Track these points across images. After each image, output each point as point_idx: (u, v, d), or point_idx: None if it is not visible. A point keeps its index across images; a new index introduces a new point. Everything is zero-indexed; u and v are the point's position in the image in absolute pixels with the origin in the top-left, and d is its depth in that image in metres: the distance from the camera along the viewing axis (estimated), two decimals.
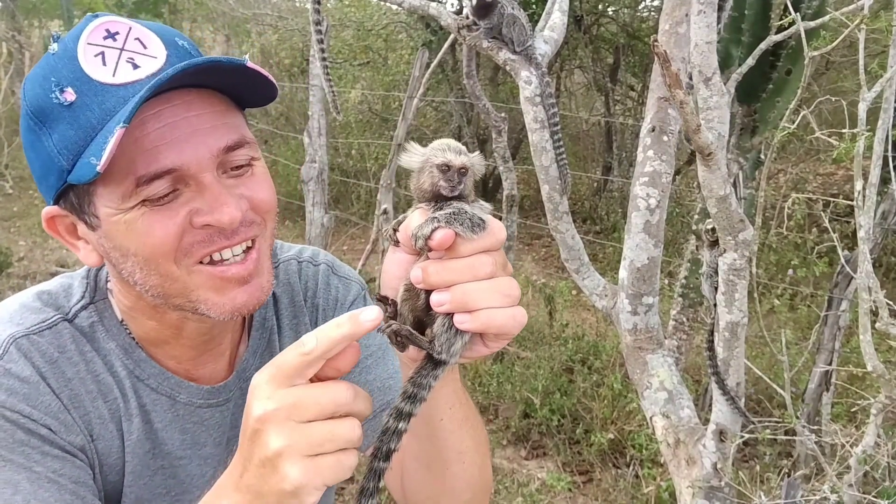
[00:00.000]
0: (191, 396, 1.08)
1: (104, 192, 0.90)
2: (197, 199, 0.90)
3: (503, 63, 1.82)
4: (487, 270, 0.77)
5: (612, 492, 3.54)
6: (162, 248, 0.91)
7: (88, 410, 1.00)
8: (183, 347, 1.06)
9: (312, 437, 0.72)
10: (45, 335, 0.98)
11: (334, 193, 7.26)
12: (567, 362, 4.45)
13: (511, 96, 7.35)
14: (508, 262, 0.82)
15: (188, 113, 0.90)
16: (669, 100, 1.58)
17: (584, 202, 7.94)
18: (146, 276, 0.94)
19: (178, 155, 0.88)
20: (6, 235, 7.33)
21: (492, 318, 0.76)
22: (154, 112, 0.87)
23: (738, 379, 1.51)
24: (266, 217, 0.99)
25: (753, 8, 2.76)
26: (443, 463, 0.99)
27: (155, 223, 0.89)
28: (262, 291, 0.98)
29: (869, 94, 1.40)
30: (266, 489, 0.73)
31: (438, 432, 0.96)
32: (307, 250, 1.26)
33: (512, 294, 0.78)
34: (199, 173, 0.90)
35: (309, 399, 0.73)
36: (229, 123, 0.94)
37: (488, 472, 1.07)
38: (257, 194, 0.97)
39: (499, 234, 0.80)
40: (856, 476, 1.62)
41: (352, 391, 0.75)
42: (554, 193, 1.82)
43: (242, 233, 0.94)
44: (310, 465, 0.71)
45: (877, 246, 3.19)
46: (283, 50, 9.16)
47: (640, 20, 7.58)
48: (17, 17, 11.57)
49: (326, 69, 1.74)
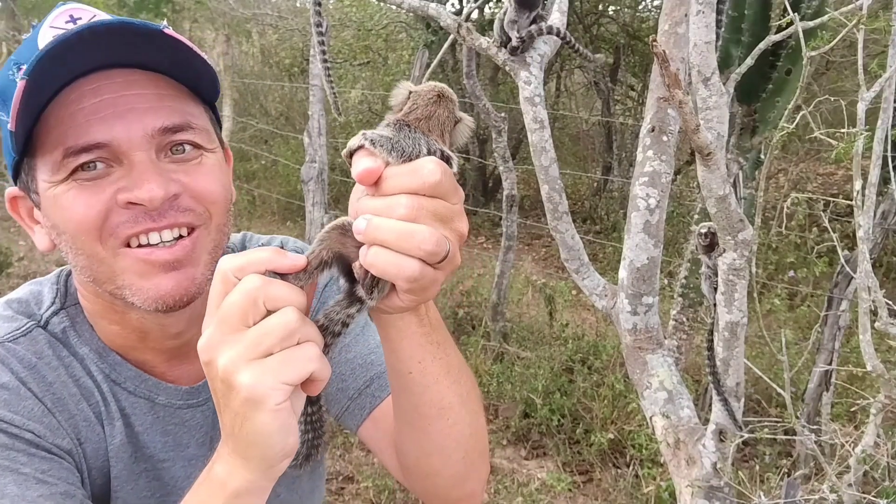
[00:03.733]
0: (170, 398, 1.06)
1: (41, 166, 0.90)
2: (124, 177, 0.89)
3: (503, 63, 1.82)
4: (401, 212, 0.68)
5: (612, 492, 3.54)
6: (84, 225, 0.88)
7: (74, 413, 0.97)
8: (152, 352, 1.04)
9: (248, 339, 0.68)
10: (20, 342, 0.96)
11: (334, 193, 7.26)
12: (567, 362, 4.45)
13: (511, 96, 7.35)
14: (460, 220, 0.72)
15: (128, 91, 0.89)
16: (669, 100, 1.58)
17: (584, 202, 7.94)
18: (75, 255, 0.92)
19: (109, 130, 0.87)
20: (6, 235, 7.33)
21: (375, 257, 0.68)
22: (93, 87, 0.88)
23: (738, 379, 1.51)
24: (211, 209, 0.95)
25: (753, 8, 2.76)
26: (423, 419, 0.94)
27: (79, 198, 0.88)
28: (192, 282, 0.93)
29: (868, 93, 1.40)
30: (230, 411, 0.70)
31: (410, 385, 0.91)
32: (276, 239, 1.24)
33: (416, 243, 0.67)
34: (131, 151, 0.88)
35: (226, 307, 0.69)
36: (174, 107, 0.93)
37: (481, 429, 1.01)
38: (199, 183, 0.94)
39: (426, 175, 0.69)
40: (855, 476, 1.62)
41: (258, 278, 0.70)
42: (554, 193, 1.82)
43: (171, 216, 0.91)
44: (256, 366, 0.68)
45: (877, 246, 3.19)
46: (283, 50, 9.17)
47: (641, 20, 7.58)
48: (17, 16, 11.57)
49: (328, 70, 1.74)
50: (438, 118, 0.75)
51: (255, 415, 0.69)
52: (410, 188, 0.69)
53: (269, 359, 0.68)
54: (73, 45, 0.83)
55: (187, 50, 0.91)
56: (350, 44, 8.83)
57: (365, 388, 1.14)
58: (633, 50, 7.42)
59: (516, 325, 5.04)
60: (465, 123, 0.78)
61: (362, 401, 1.14)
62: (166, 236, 0.91)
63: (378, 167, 0.70)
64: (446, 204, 0.71)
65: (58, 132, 0.87)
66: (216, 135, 1.03)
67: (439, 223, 0.70)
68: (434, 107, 0.75)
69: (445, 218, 0.70)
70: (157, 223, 0.90)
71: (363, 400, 1.14)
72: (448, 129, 0.76)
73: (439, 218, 0.70)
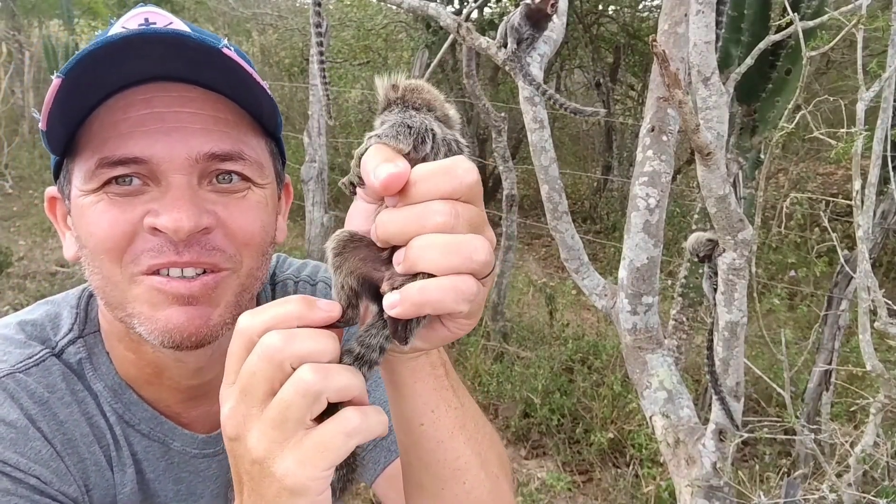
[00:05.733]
0: (185, 445, 0.98)
1: (77, 171, 0.84)
2: (157, 199, 0.81)
3: (503, 63, 1.82)
4: (438, 221, 0.57)
5: (612, 491, 3.54)
6: (105, 244, 0.81)
7: (84, 457, 0.90)
8: (169, 391, 0.95)
9: (276, 416, 0.59)
10: (32, 373, 0.88)
11: (334, 193, 7.25)
12: (567, 362, 4.45)
13: (511, 96, 7.35)
14: (489, 228, 0.62)
15: (181, 108, 0.82)
16: (669, 100, 1.58)
17: (584, 202, 7.94)
18: (91, 274, 0.85)
19: (150, 146, 0.80)
20: (6, 235, 7.32)
21: (425, 293, 0.58)
22: (145, 97, 0.82)
23: (738, 378, 1.51)
24: (243, 252, 0.86)
25: (753, 8, 2.76)
26: (436, 480, 0.81)
27: (106, 214, 0.81)
28: (205, 322, 0.83)
29: (867, 93, 1.40)
30: (262, 496, 0.62)
31: (422, 441, 0.78)
32: (307, 267, 1.14)
33: (468, 254, 0.58)
34: (169, 172, 0.81)
35: (249, 376, 0.61)
36: (228, 133, 0.85)
37: (505, 495, 0.86)
38: (236, 220, 0.85)
39: (462, 175, 0.59)
40: (855, 475, 1.62)
41: (277, 336, 0.60)
42: (553, 193, 1.82)
43: (195, 253, 0.82)
44: (295, 453, 0.59)
45: (876, 246, 3.19)
46: (283, 50, 9.17)
47: (640, 20, 7.57)
48: (17, 16, 11.57)
49: (324, 73, 1.73)
50: (433, 100, 0.67)
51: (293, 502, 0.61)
52: (445, 192, 0.59)
53: (308, 441, 0.59)
54: (120, 50, 0.76)
55: (246, 75, 0.83)
56: (350, 44, 8.83)
57: (381, 440, 1.04)
58: (633, 50, 7.42)
59: (516, 325, 5.04)
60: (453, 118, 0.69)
61: (377, 454, 1.05)
62: (188, 272, 0.83)
63: (403, 171, 0.58)
64: (478, 209, 0.61)
65: (98, 139, 0.81)
66: (274, 170, 0.95)
67: (473, 231, 0.60)
68: (425, 94, 0.67)
69: (478, 226, 0.61)
70: (181, 257, 0.81)
71: (377, 454, 1.05)
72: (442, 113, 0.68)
73: (473, 227, 0.60)
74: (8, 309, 5.15)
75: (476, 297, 0.59)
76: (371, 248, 0.64)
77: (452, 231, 0.58)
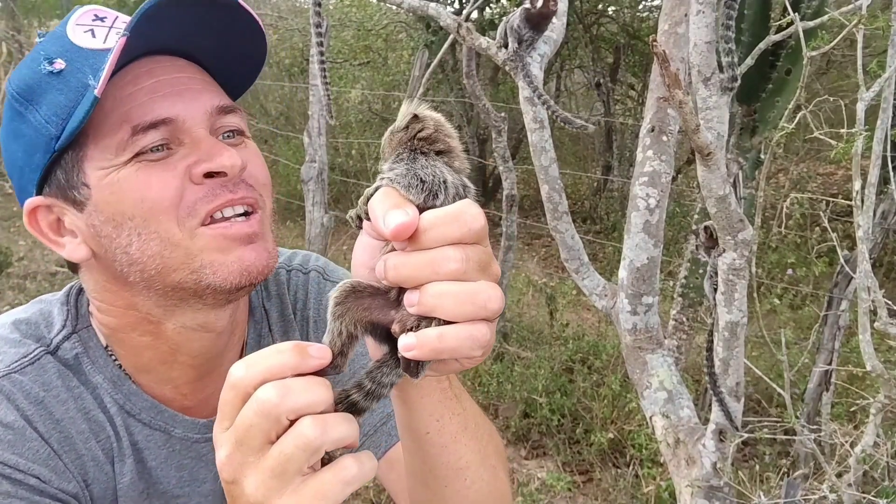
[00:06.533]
0: (186, 430, 1.00)
1: (95, 153, 0.86)
2: (193, 153, 0.86)
3: (503, 63, 1.82)
4: (452, 268, 0.60)
5: (612, 491, 3.54)
6: (162, 203, 0.84)
7: (82, 453, 0.91)
8: (182, 367, 0.97)
9: (274, 466, 0.61)
10: (27, 372, 0.89)
11: (334, 193, 7.26)
12: (567, 362, 4.45)
13: (511, 96, 7.35)
14: (495, 263, 0.65)
15: (179, 73, 0.90)
16: (669, 100, 1.58)
17: (584, 202, 7.94)
18: (145, 242, 0.86)
19: (171, 106, 0.86)
20: (6, 235, 7.33)
21: (443, 338, 0.60)
22: (146, 69, 0.88)
23: (738, 379, 1.51)
24: (262, 192, 0.93)
25: (753, 8, 2.76)
26: (439, 480, 0.86)
27: (152, 176, 0.85)
28: (269, 255, 0.91)
29: (867, 93, 1.40)
30: None
31: (426, 447, 0.83)
32: (297, 256, 1.18)
33: (482, 303, 0.61)
34: (194, 128, 0.87)
35: (244, 428, 0.62)
36: (219, 91, 0.94)
37: (503, 486, 0.92)
38: (253, 163, 0.93)
39: (470, 221, 0.61)
40: (855, 475, 1.62)
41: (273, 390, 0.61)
42: (553, 193, 1.82)
43: (245, 189, 0.89)
44: (293, 499, 0.61)
45: (876, 246, 3.19)
46: (283, 50, 9.16)
47: (640, 20, 7.58)
48: (17, 16, 11.57)
49: (324, 73, 1.73)
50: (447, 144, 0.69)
51: None
52: (454, 239, 0.61)
53: (306, 490, 0.61)
54: (163, 7, 0.81)
55: (252, 32, 0.92)
56: (350, 44, 8.83)
57: (381, 425, 1.09)
58: (633, 50, 7.42)
59: (516, 325, 5.05)
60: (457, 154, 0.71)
61: (378, 439, 1.09)
62: (238, 209, 0.89)
63: (413, 220, 0.60)
64: (485, 249, 0.64)
65: (120, 112, 0.85)
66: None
67: (482, 272, 0.63)
68: (438, 134, 0.69)
69: (486, 265, 0.63)
70: (235, 194, 0.88)
71: (378, 438, 1.09)
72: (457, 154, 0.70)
73: (482, 267, 0.63)
74: (7, 309, 5.14)
75: (489, 342, 0.63)
76: (375, 297, 0.67)
77: (465, 276, 0.61)
